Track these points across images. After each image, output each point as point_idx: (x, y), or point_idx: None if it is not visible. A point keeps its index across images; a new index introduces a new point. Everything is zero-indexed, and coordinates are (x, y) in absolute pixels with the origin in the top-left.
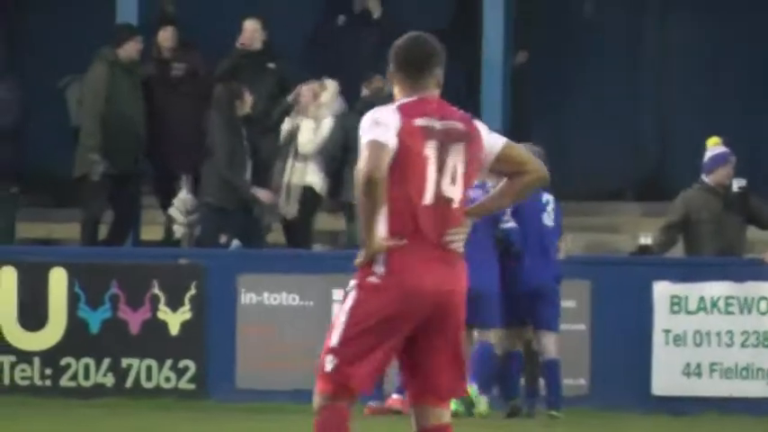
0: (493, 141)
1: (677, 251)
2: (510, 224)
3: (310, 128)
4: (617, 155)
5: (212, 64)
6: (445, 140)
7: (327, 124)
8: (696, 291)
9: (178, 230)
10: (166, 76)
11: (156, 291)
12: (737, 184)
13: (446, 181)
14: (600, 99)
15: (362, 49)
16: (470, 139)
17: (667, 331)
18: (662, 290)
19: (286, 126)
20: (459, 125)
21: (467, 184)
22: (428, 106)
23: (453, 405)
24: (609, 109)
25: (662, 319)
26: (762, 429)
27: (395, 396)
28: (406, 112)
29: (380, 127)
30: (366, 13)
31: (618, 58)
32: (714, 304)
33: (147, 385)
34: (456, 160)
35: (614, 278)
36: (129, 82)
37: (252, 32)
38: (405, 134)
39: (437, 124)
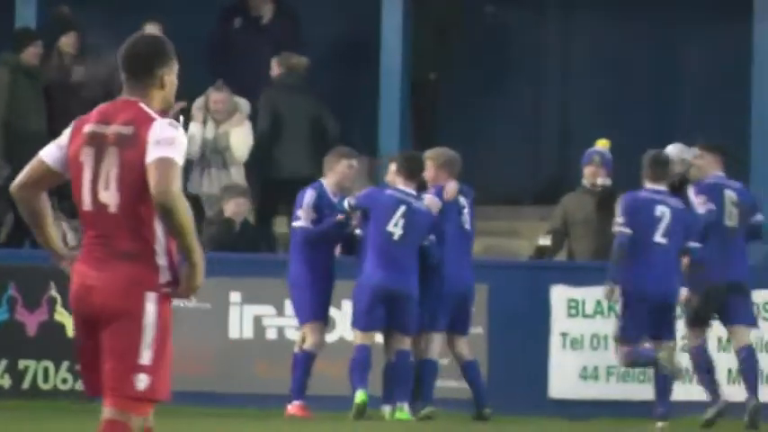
0: (150, 151)
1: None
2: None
3: (240, 134)
4: (517, 159)
5: (113, 69)
6: (103, 145)
7: (249, 128)
8: (593, 294)
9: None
10: (67, 80)
11: (53, 293)
12: (601, 182)
13: (101, 186)
14: (502, 104)
15: (257, 53)
16: (129, 145)
17: (564, 335)
18: (559, 293)
19: (200, 135)
20: (125, 129)
21: (124, 189)
22: (109, 109)
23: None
24: (510, 113)
25: (559, 322)
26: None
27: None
28: (85, 119)
29: (53, 142)
30: (261, 18)
31: (520, 63)
32: (611, 308)
33: (44, 387)
34: (110, 165)
35: (512, 282)
36: (30, 87)
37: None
38: (71, 143)
39: (104, 129)
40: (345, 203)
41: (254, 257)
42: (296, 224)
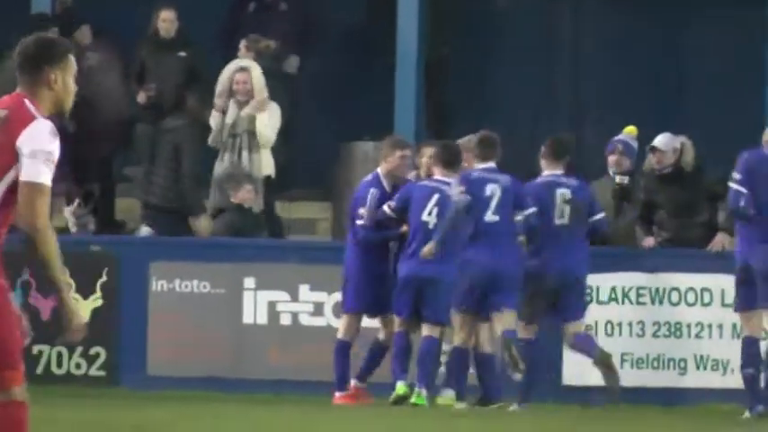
0: (24, 164)
1: None
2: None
3: (266, 116)
4: (531, 145)
5: (127, 53)
6: None
7: (276, 109)
8: (608, 281)
9: (71, 226)
10: (80, 65)
11: (68, 278)
12: (619, 180)
13: None
14: (516, 89)
15: (271, 39)
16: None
17: None
18: None
19: (231, 118)
20: (1, 112)
21: None
22: None
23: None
24: (524, 100)
25: None
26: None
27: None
28: None
29: None
30: (275, 2)
31: (533, 49)
32: (625, 295)
33: (57, 372)
34: None
35: None
36: None
37: (169, 22)
38: None
39: None
40: (386, 209)
41: (268, 242)
42: (359, 223)
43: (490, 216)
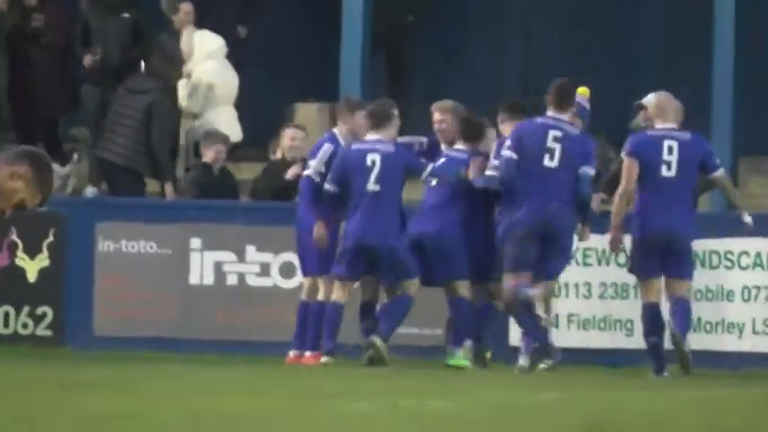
0: None
1: None
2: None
3: (225, 75)
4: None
5: (72, 15)
6: None
7: (230, 67)
8: None
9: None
10: (27, 27)
11: (15, 238)
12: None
13: None
14: (466, 49)
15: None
16: None
17: None
18: None
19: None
20: None
21: None
22: None
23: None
24: (473, 59)
25: None
26: (620, 378)
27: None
28: None
29: None
30: None
31: (484, 14)
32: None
33: (4, 332)
34: None
35: None
36: None
37: None
38: None
39: None
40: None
41: (214, 204)
42: (306, 173)
43: (372, 186)
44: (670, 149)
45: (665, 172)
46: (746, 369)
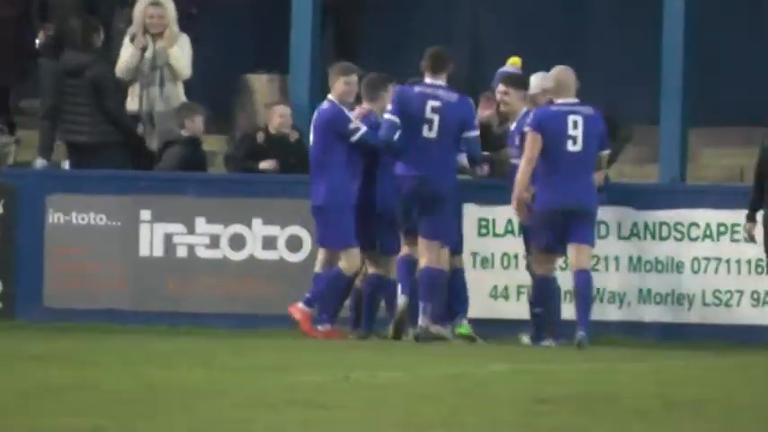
0: None
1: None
2: None
3: (178, 49)
4: None
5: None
6: None
7: (187, 41)
8: (504, 214)
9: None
10: None
11: None
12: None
13: None
14: (415, 21)
15: None
16: None
17: (475, 254)
18: (470, 212)
19: (137, 51)
20: None
21: None
22: None
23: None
24: (423, 30)
25: (470, 241)
26: (570, 351)
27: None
28: None
29: None
30: None
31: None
32: (521, 227)
33: None
34: None
35: None
36: None
37: None
38: None
39: None
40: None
41: (164, 175)
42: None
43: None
44: (575, 124)
45: (570, 146)
46: (697, 341)
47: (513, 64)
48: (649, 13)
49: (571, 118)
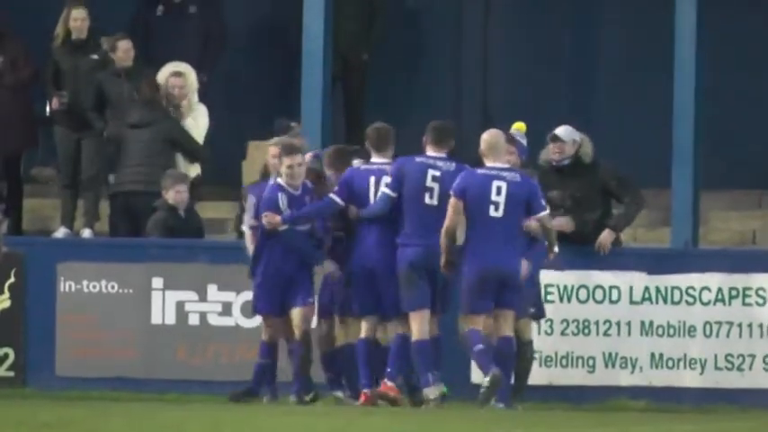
0: None
1: None
2: None
3: (191, 120)
4: None
5: (33, 53)
6: None
7: (204, 111)
8: None
9: None
10: None
11: None
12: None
13: None
14: (424, 88)
15: (181, 41)
16: None
17: None
18: None
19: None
20: None
21: None
22: None
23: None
24: (433, 96)
25: None
26: (582, 415)
27: (387, 383)
28: None
29: None
30: (184, 5)
31: (441, 48)
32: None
33: None
34: None
35: None
36: None
37: (80, 21)
38: None
39: None
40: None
41: (176, 242)
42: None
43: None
44: (498, 190)
45: (492, 212)
46: (709, 405)
47: (518, 129)
48: (660, 77)
49: (495, 183)
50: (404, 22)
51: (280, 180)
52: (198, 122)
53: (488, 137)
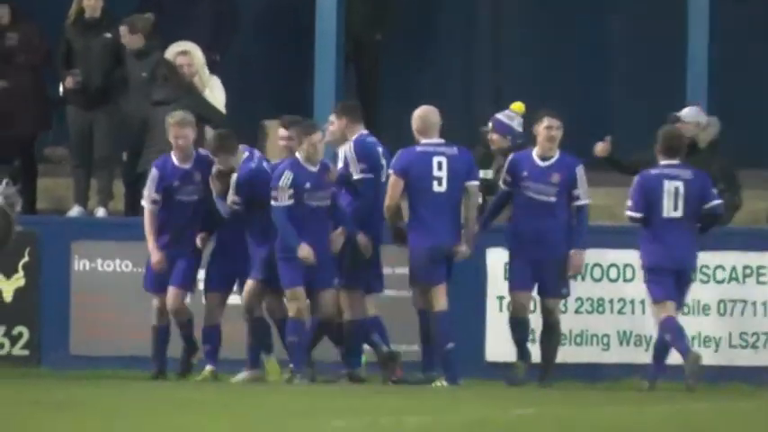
0: None
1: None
2: None
3: (208, 92)
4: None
5: (48, 34)
6: None
7: (219, 83)
8: None
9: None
10: (0, 46)
11: None
12: (482, 174)
13: None
14: (439, 74)
15: (193, 22)
16: None
17: (501, 298)
18: (495, 257)
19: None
20: None
21: None
22: None
23: None
24: (448, 82)
25: (495, 285)
26: (596, 393)
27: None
28: None
29: None
30: None
31: (455, 34)
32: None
33: None
34: None
35: None
36: None
37: (94, 1)
38: None
39: None
40: None
41: None
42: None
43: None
44: (439, 165)
45: (435, 187)
46: (723, 383)
47: (516, 109)
48: (673, 59)
49: (436, 159)
50: (416, 3)
51: (299, 156)
52: (215, 94)
53: (422, 113)
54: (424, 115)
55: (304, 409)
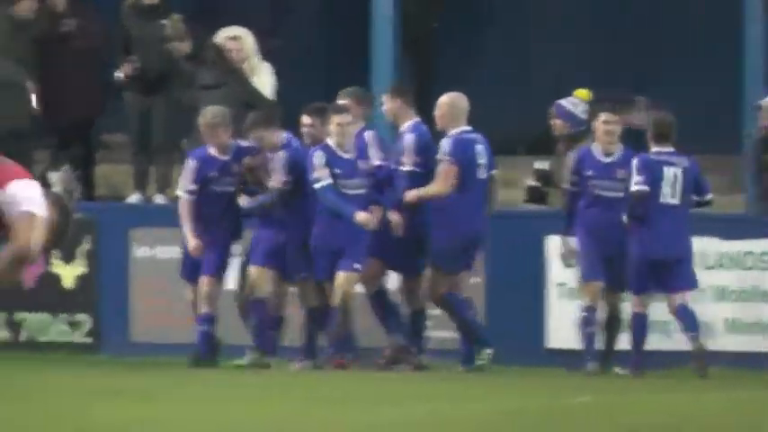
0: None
1: None
2: None
3: (258, 79)
4: (511, 110)
5: (104, 20)
6: None
7: (269, 69)
8: None
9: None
10: (57, 31)
11: None
12: (538, 165)
13: None
14: (497, 57)
15: (249, 5)
16: None
17: (561, 285)
18: (555, 244)
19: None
20: None
21: None
22: None
23: None
24: (505, 66)
25: (555, 272)
26: (654, 382)
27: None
28: None
29: None
30: None
31: (510, 16)
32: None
33: (42, 339)
34: None
35: (508, 232)
36: (23, 39)
37: None
38: None
39: None
40: None
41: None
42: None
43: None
44: (480, 153)
45: (480, 174)
46: None
47: (580, 96)
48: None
49: (477, 147)
50: None
51: (329, 141)
52: (262, 80)
53: (449, 100)
54: (452, 102)
55: (356, 395)
